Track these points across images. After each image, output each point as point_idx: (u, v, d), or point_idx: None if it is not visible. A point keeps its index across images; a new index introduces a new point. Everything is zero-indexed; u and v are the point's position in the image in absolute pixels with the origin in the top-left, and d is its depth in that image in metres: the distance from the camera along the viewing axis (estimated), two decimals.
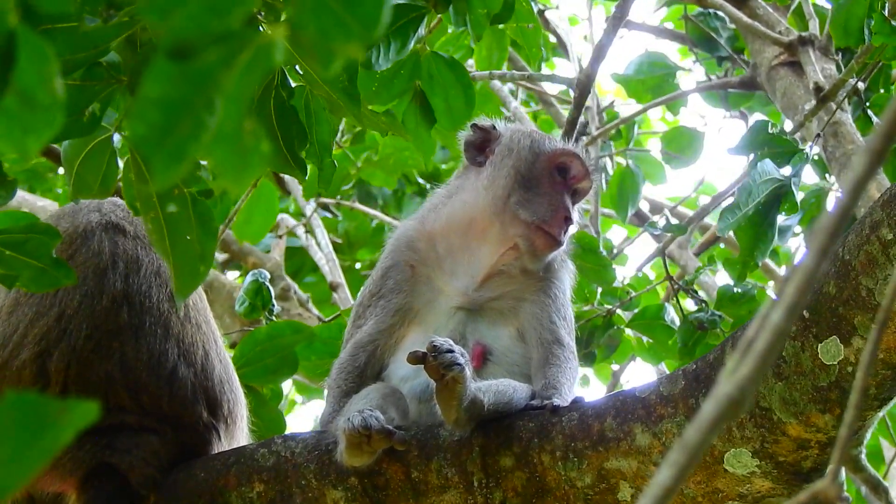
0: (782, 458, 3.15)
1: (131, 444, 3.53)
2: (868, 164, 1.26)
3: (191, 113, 1.49)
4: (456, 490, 3.39)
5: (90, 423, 1.26)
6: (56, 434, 1.25)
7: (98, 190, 3.14)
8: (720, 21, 6.63)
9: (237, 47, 1.50)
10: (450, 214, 3.79)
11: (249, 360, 4.31)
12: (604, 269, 5.19)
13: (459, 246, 3.75)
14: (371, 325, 3.69)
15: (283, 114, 3.05)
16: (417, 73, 3.93)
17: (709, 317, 5.27)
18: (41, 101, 1.50)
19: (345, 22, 1.49)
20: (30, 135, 1.52)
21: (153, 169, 1.49)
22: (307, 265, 8.48)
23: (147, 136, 1.48)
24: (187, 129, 1.49)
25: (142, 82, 1.48)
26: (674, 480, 1.16)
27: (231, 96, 1.49)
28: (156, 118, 1.48)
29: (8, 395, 1.25)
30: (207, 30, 1.49)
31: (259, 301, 4.94)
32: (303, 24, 1.49)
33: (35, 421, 1.25)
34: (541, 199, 3.71)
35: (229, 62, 1.50)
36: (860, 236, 3.04)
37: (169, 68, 1.49)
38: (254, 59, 1.50)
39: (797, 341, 3.10)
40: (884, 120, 1.29)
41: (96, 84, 2.84)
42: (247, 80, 1.50)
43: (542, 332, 3.64)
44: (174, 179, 1.52)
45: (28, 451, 1.25)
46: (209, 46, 1.49)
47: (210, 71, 1.49)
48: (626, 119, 6.79)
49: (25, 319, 3.60)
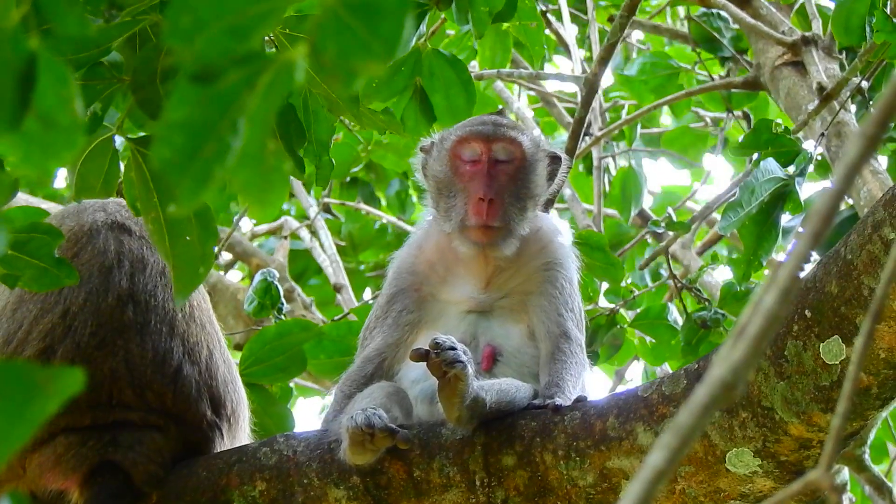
0: (784, 458, 3.15)
1: (134, 441, 3.54)
2: (861, 149, 1.26)
3: (215, 135, 1.49)
4: (458, 489, 3.39)
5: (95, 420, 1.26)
6: (42, 403, 1.26)
7: (100, 190, 3.15)
8: (723, 21, 6.63)
9: (259, 68, 1.51)
10: (439, 237, 3.77)
11: (258, 358, 4.31)
12: (612, 266, 5.18)
13: (455, 262, 3.73)
14: (379, 340, 3.69)
15: (282, 112, 3.05)
16: (418, 71, 3.93)
17: (712, 315, 5.27)
18: (61, 123, 1.51)
19: (365, 41, 1.49)
20: (50, 156, 1.53)
21: (179, 192, 1.49)
22: (311, 268, 8.48)
23: (172, 160, 1.49)
24: (212, 151, 1.49)
25: (165, 106, 1.49)
26: (666, 462, 1.16)
27: (254, 117, 1.50)
28: (180, 142, 1.49)
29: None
30: (229, 52, 1.50)
31: (268, 300, 4.94)
32: (324, 44, 1.50)
33: (21, 390, 1.25)
34: (457, 200, 3.65)
35: (251, 83, 1.50)
36: (862, 236, 3.04)
37: (192, 91, 1.50)
38: (275, 79, 1.51)
39: (799, 340, 3.09)
40: (878, 107, 1.28)
41: (98, 84, 2.84)
42: (269, 100, 1.50)
43: (549, 325, 3.63)
44: (200, 202, 1.52)
45: (14, 421, 1.25)
46: (231, 69, 1.50)
47: (233, 93, 1.50)
48: (630, 119, 6.78)
49: (30, 316, 3.61)
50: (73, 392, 1.26)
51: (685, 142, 7.71)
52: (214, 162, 1.49)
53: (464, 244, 3.63)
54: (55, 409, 1.25)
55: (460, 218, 3.61)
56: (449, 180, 3.67)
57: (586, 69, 6.35)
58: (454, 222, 3.62)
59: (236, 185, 1.51)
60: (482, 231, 3.59)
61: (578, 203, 7.08)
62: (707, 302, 5.47)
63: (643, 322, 5.58)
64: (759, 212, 4.19)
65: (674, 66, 6.75)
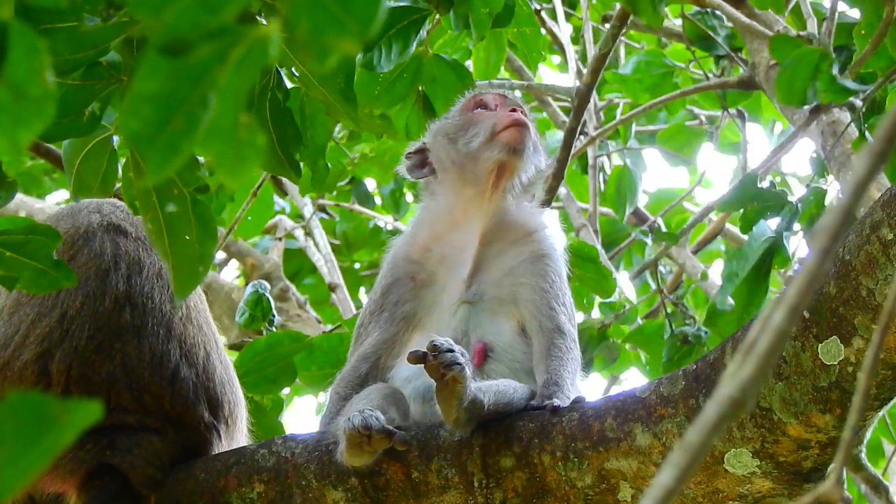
0: (783, 459, 3.15)
1: (132, 444, 3.53)
2: (869, 166, 1.26)
3: (184, 108, 1.49)
4: (456, 490, 3.39)
5: (93, 423, 1.25)
6: (58, 435, 1.25)
7: (98, 189, 3.14)
8: (718, 20, 6.63)
9: (230, 43, 1.50)
10: (432, 222, 3.83)
11: (249, 369, 4.33)
12: (603, 278, 5.17)
13: (451, 235, 3.77)
14: (374, 336, 3.70)
15: (279, 115, 3.05)
16: (420, 77, 3.93)
17: (695, 331, 5.24)
18: (32, 94, 1.50)
19: (339, 18, 1.49)
20: (21, 127, 1.52)
21: (147, 164, 1.50)
22: (306, 267, 8.48)
23: (140, 132, 1.49)
24: (181, 124, 1.49)
25: (135, 78, 1.49)
26: (675, 481, 1.16)
27: (225, 91, 1.50)
28: (149, 114, 1.49)
29: (9, 395, 1.24)
30: (200, 25, 1.50)
31: (259, 312, 4.94)
32: (297, 20, 1.50)
33: (36, 421, 1.24)
34: (480, 126, 3.76)
35: (222, 58, 1.50)
36: (860, 236, 3.04)
37: (162, 64, 1.50)
38: (247, 54, 1.51)
39: (797, 341, 3.10)
40: (885, 122, 1.28)
41: (96, 83, 2.83)
42: (241, 75, 1.50)
43: (541, 319, 3.64)
44: (168, 174, 1.53)
45: (29, 453, 1.24)
46: (202, 42, 1.50)
47: (203, 66, 1.50)
48: (625, 119, 6.79)
49: (27, 320, 3.60)
50: (89, 423, 1.25)
51: (681, 140, 7.71)
52: (183, 135, 1.49)
53: (493, 150, 3.71)
54: (70, 442, 1.25)
55: (490, 127, 3.73)
56: (466, 120, 3.80)
57: (581, 69, 6.35)
58: (482, 137, 3.73)
59: (208, 158, 1.51)
60: (515, 130, 3.71)
61: (574, 202, 7.08)
62: (692, 319, 5.46)
63: (639, 338, 5.57)
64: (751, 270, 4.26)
65: (668, 65, 6.75)
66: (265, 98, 3.03)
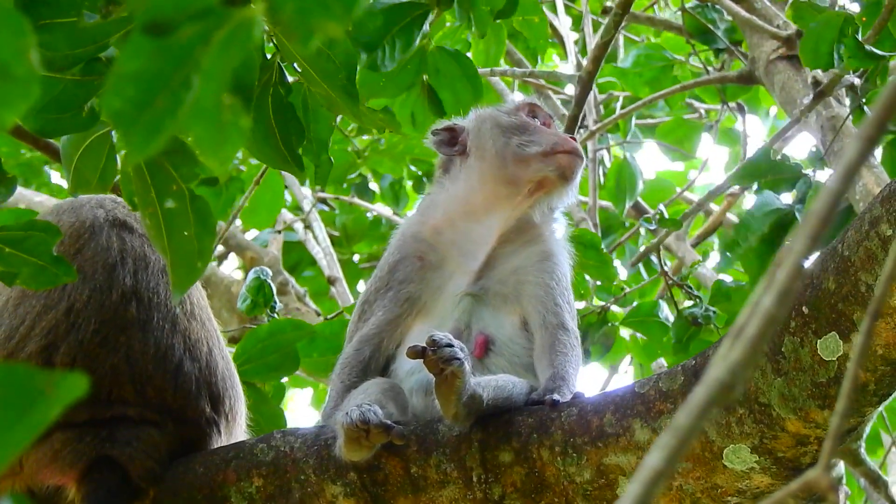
0: (781, 454, 3.15)
1: (132, 437, 3.53)
2: (860, 151, 1.26)
3: (167, 88, 1.50)
4: (455, 485, 3.40)
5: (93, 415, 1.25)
6: (45, 408, 1.24)
7: (97, 184, 3.14)
8: (717, 13, 6.62)
9: (214, 24, 1.51)
10: (448, 204, 3.83)
11: (251, 357, 4.32)
12: (605, 265, 5.19)
13: (467, 225, 3.79)
14: (378, 316, 3.71)
15: (281, 110, 3.04)
16: (424, 68, 3.94)
17: (703, 312, 5.26)
18: (17, 74, 1.49)
19: (324, 0, 1.49)
20: (5, 107, 1.52)
21: (129, 143, 1.50)
22: (305, 260, 8.48)
23: (123, 111, 1.49)
24: (164, 104, 1.50)
25: (118, 58, 1.49)
26: (664, 463, 1.16)
27: (208, 72, 1.50)
28: (132, 93, 1.49)
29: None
30: (184, 6, 1.50)
31: (261, 298, 4.95)
32: (282, 1, 1.50)
33: (22, 394, 1.24)
34: (537, 136, 3.81)
35: (206, 39, 1.51)
36: (859, 232, 3.04)
37: (145, 44, 1.50)
38: (231, 35, 1.51)
39: (796, 337, 3.10)
40: (876, 108, 1.28)
41: (95, 79, 2.83)
42: (224, 56, 1.51)
43: (546, 314, 3.65)
44: (150, 154, 1.53)
45: (15, 426, 1.24)
46: (186, 23, 1.50)
47: (187, 47, 1.50)
48: (625, 113, 6.78)
49: (33, 312, 3.61)
50: (75, 397, 1.25)
51: (680, 134, 7.71)
52: (166, 114, 1.50)
53: (546, 165, 3.76)
54: (57, 414, 1.24)
55: (551, 142, 3.78)
56: (524, 123, 3.84)
57: (581, 62, 6.35)
58: (540, 147, 3.78)
59: (191, 138, 1.52)
60: (574, 157, 3.78)
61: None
62: (698, 299, 5.47)
63: (634, 320, 5.58)
64: (761, 243, 4.21)
65: (668, 58, 6.75)
66: (267, 93, 3.02)
